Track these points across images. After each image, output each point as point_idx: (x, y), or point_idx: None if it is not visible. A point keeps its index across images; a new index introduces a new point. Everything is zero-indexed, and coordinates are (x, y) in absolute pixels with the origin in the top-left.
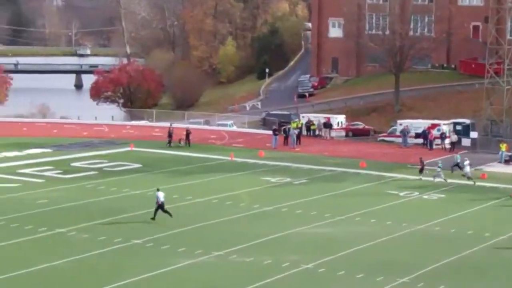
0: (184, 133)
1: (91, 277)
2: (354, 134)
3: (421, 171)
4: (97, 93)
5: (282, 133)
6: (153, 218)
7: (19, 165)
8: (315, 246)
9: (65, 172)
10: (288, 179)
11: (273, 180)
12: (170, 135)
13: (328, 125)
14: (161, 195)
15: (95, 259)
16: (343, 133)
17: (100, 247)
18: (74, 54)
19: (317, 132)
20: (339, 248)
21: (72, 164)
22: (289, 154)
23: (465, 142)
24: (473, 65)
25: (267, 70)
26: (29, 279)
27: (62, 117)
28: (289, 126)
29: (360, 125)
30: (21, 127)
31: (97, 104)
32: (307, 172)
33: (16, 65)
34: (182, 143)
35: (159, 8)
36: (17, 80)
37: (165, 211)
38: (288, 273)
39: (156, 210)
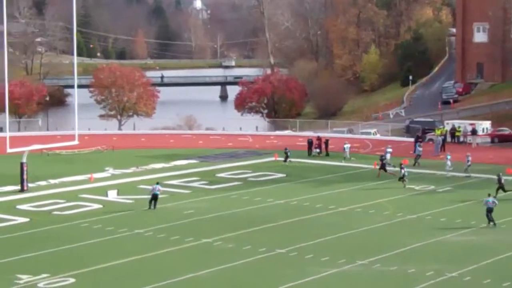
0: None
1: (235, 286)
2: (500, 140)
3: (285, 160)
4: (241, 104)
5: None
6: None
7: (166, 176)
8: (460, 255)
9: (210, 183)
10: (432, 187)
11: (417, 188)
12: (310, 145)
13: (474, 132)
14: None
15: (240, 269)
16: (489, 139)
17: (245, 257)
18: (220, 66)
19: (461, 139)
20: (485, 256)
21: (218, 175)
22: (433, 161)
23: None
24: None
25: (410, 77)
26: None
27: (207, 129)
28: (434, 133)
29: (506, 130)
30: (168, 139)
31: (241, 114)
32: (451, 180)
33: (161, 78)
34: (316, 151)
35: (303, 18)
36: (164, 93)
37: (154, 204)
38: (433, 281)
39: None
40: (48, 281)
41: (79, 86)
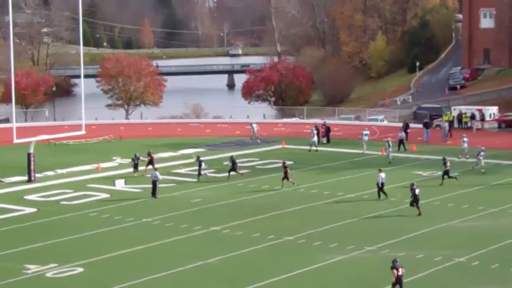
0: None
1: (245, 274)
2: (507, 125)
3: (144, 165)
4: (248, 92)
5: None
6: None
7: (174, 165)
8: (468, 240)
9: (218, 171)
10: (440, 173)
11: (425, 174)
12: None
13: (473, 117)
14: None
15: (249, 256)
16: (496, 125)
17: (254, 244)
18: (226, 54)
19: (469, 124)
20: (493, 241)
21: (225, 163)
22: (441, 147)
23: None
24: None
25: (417, 64)
26: (184, 276)
27: (215, 117)
28: (441, 119)
29: None
30: (175, 128)
31: (248, 103)
32: (459, 165)
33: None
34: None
35: (309, 5)
36: (172, 82)
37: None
38: (441, 267)
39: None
40: (56, 270)
41: (86, 76)
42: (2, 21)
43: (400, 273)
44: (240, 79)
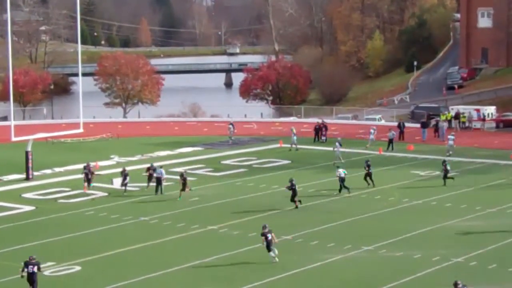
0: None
1: (242, 273)
2: (505, 125)
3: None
4: (246, 91)
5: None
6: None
7: (171, 164)
8: (466, 240)
9: (215, 170)
10: (438, 172)
11: (422, 173)
12: (316, 131)
13: (457, 117)
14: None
15: (246, 255)
16: (494, 125)
17: (251, 243)
18: (224, 53)
19: (467, 124)
20: (491, 241)
21: (222, 162)
22: (439, 147)
23: None
24: None
25: (415, 63)
26: (182, 275)
27: (212, 116)
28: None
29: (511, 115)
30: (172, 126)
31: (246, 101)
32: (457, 165)
33: None
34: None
35: (307, 4)
36: (169, 81)
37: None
38: (439, 267)
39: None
40: (54, 269)
41: (84, 74)
42: (0, 19)
43: (269, 239)
44: (237, 78)
